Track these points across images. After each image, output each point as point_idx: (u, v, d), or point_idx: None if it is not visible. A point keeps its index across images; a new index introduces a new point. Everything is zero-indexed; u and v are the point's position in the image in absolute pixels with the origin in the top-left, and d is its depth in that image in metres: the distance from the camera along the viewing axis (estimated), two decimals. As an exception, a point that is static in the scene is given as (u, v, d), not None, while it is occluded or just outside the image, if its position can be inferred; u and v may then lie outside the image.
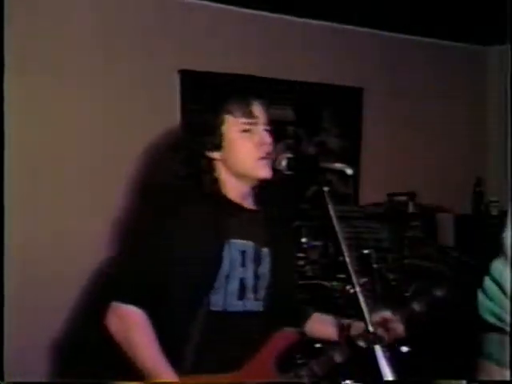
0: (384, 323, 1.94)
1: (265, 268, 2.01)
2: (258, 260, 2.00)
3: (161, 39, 3.91)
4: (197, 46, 4.01)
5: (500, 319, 1.82)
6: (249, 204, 2.04)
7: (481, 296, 1.87)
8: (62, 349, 3.52)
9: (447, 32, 4.85)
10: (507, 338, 1.78)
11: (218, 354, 1.91)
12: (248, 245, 1.99)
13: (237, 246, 1.96)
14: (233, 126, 1.96)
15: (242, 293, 1.97)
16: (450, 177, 4.94)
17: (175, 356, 1.89)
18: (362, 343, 1.89)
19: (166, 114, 3.88)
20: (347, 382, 2.00)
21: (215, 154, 1.98)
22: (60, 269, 3.52)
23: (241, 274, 1.96)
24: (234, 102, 1.96)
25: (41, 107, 3.55)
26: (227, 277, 1.93)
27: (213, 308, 1.93)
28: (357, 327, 1.95)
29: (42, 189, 3.54)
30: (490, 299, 1.85)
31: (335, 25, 4.56)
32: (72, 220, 3.60)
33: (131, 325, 1.89)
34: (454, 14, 4.35)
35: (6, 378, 2.10)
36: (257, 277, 2.00)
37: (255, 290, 1.99)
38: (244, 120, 1.95)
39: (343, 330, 2.03)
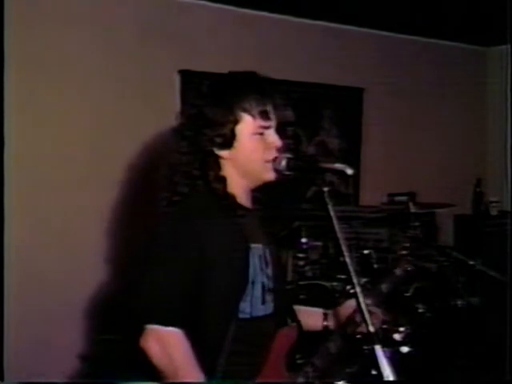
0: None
1: (269, 269, 1.96)
2: (266, 262, 1.96)
3: (161, 39, 3.91)
4: (197, 46, 4.01)
5: None
6: (248, 204, 1.98)
7: None
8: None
9: (447, 32, 4.86)
10: None
11: (249, 361, 1.88)
12: (260, 247, 1.94)
13: (255, 251, 1.92)
14: (248, 126, 1.90)
15: (263, 297, 1.92)
16: (450, 177, 4.93)
17: (209, 366, 1.83)
18: (350, 330, 1.95)
19: (165, 114, 3.87)
20: (340, 382, 1.99)
21: (223, 153, 1.90)
22: (60, 269, 3.53)
23: (262, 278, 1.92)
24: (253, 102, 1.90)
25: (41, 107, 3.55)
26: (253, 283, 1.89)
27: (241, 315, 1.87)
28: (342, 314, 2.03)
29: (42, 189, 3.54)
30: None
31: (335, 25, 4.56)
32: (72, 220, 3.61)
33: (172, 346, 1.81)
34: (454, 14, 4.35)
35: (6, 378, 2.10)
36: (269, 279, 1.94)
37: (270, 292, 1.94)
38: (260, 122, 1.90)
39: (327, 319, 2.07)
